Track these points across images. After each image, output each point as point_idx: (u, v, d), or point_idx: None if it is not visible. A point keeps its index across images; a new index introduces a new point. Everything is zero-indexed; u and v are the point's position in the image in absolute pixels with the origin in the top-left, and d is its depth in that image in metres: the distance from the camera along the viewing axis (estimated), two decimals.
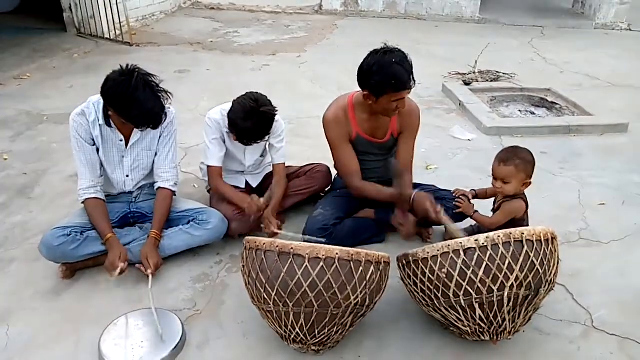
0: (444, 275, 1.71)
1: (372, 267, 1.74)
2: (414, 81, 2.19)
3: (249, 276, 1.79)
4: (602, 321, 2.08)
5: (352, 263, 1.69)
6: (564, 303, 2.18)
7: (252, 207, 2.45)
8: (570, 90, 4.89)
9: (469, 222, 2.48)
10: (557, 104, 4.66)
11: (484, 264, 1.67)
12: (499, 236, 1.67)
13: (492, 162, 2.28)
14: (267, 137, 2.52)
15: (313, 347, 1.83)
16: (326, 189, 2.85)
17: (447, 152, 3.69)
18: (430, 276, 1.75)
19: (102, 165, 2.35)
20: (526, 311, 1.76)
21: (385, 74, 2.14)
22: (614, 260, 2.48)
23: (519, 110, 4.66)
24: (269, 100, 2.45)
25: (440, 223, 2.27)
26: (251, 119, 2.36)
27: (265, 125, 2.42)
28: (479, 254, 1.67)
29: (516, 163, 2.16)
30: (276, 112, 2.45)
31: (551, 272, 1.75)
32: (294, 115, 4.19)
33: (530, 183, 2.21)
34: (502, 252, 1.66)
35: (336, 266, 1.67)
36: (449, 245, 1.71)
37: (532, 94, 4.89)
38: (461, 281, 1.69)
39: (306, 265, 1.66)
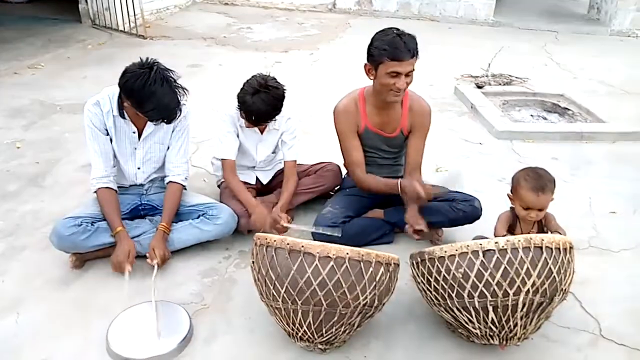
0: (460, 275, 1.71)
1: (382, 268, 1.74)
2: (414, 57, 2.17)
3: (259, 272, 1.79)
4: (610, 330, 2.06)
5: (362, 263, 1.69)
6: (572, 310, 2.16)
7: (260, 219, 2.44)
8: (584, 97, 4.84)
9: (477, 231, 2.45)
10: (569, 109, 4.63)
11: (502, 266, 1.66)
12: (519, 240, 1.67)
13: (502, 166, 2.23)
14: (277, 116, 2.52)
15: (320, 346, 1.84)
16: (336, 188, 2.85)
17: (457, 155, 3.67)
18: (446, 275, 1.74)
19: (114, 156, 2.37)
20: (538, 318, 1.75)
21: (383, 41, 2.18)
22: (624, 269, 2.46)
23: (531, 115, 4.64)
24: (278, 81, 2.48)
25: (434, 197, 2.33)
26: (258, 93, 2.38)
27: (274, 101, 2.43)
28: (497, 257, 1.67)
29: (551, 188, 2.06)
30: (285, 89, 2.47)
31: (567, 282, 1.75)
32: (305, 113, 4.19)
33: (553, 199, 2.13)
34: (521, 257, 1.66)
35: (346, 266, 1.67)
36: (468, 246, 1.70)
37: (544, 99, 4.86)
38: (477, 282, 1.69)
39: (316, 264, 1.66)
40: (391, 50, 2.15)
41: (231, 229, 2.46)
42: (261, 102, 2.38)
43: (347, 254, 1.67)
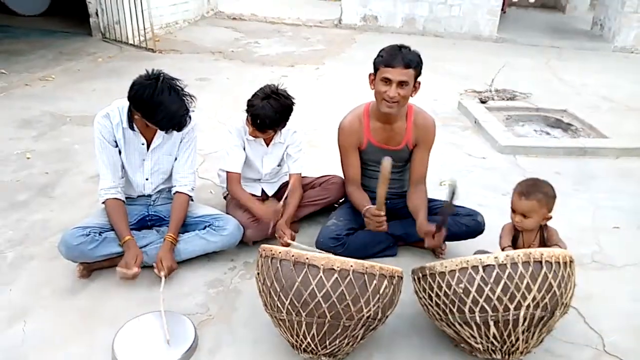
0: (461, 291, 1.72)
1: (385, 281, 1.76)
2: (409, 68, 2.20)
3: (263, 284, 1.82)
4: (614, 346, 2.06)
5: (366, 276, 1.71)
6: (576, 325, 2.17)
7: (268, 215, 2.50)
8: (587, 112, 4.88)
9: (480, 245, 2.47)
10: (572, 125, 4.66)
11: (502, 281, 1.68)
12: (518, 255, 1.69)
13: (505, 181, 2.27)
14: (282, 129, 2.59)
15: (323, 358, 1.85)
16: (340, 201, 2.87)
17: (461, 169, 3.70)
18: (447, 290, 1.76)
19: (123, 167, 2.41)
20: (540, 332, 1.76)
21: (385, 50, 2.27)
22: (628, 284, 2.47)
23: (534, 130, 4.67)
24: (289, 94, 2.56)
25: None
26: (268, 99, 2.45)
27: (281, 109, 2.48)
28: (497, 272, 1.68)
29: (538, 198, 2.06)
30: (294, 102, 2.54)
31: (567, 295, 1.76)
32: (310, 127, 4.23)
33: (551, 217, 2.13)
34: (521, 271, 1.67)
35: (350, 278, 1.69)
36: (467, 261, 1.72)
37: (547, 114, 4.89)
38: (478, 297, 1.70)
39: (321, 276, 1.68)
40: (386, 57, 2.24)
41: (237, 240, 2.48)
42: (269, 107, 2.44)
43: (351, 266, 1.70)
